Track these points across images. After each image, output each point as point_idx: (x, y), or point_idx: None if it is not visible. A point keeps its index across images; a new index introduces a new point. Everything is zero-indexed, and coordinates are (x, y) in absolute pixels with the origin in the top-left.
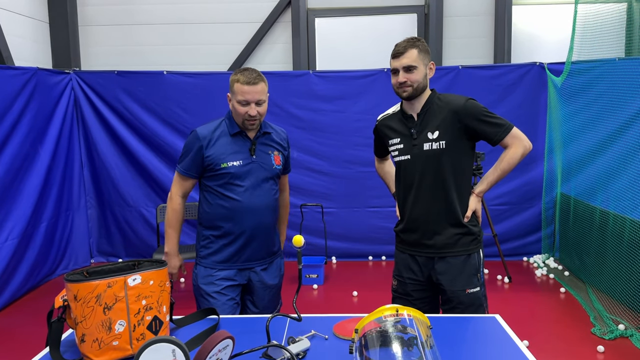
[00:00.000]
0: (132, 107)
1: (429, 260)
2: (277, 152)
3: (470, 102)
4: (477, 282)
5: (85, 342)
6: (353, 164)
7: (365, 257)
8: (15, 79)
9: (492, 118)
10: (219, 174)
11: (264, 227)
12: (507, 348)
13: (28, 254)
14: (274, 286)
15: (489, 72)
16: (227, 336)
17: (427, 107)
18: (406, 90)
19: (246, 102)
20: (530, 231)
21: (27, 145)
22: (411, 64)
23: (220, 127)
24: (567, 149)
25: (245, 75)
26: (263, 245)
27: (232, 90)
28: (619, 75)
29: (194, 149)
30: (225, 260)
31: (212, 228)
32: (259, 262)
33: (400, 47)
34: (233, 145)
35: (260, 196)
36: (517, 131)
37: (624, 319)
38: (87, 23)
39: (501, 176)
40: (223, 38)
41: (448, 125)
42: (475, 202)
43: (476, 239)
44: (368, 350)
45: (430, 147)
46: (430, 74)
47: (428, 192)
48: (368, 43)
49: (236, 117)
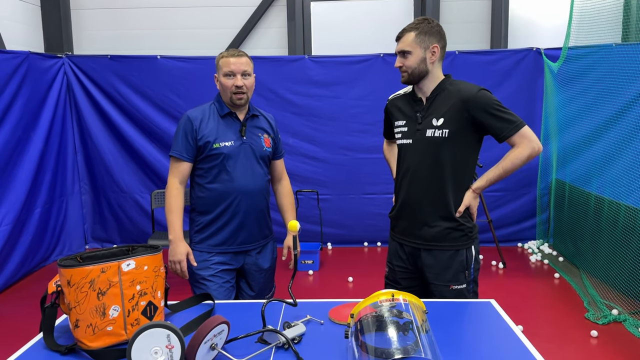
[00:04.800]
0: (126, 91)
1: (415, 250)
2: (267, 135)
3: (482, 93)
4: (463, 279)
5: (79, 328)
6: (349, 150)
7: (361, 244)
8: (7, 63)
9: (502, 113)
10: (212, 155)
11: (257, 209)
12: (502, 333)
13: (22, 240)
14: (268, 269)
15: (485, 57)
16: (222, 321)
17: (437, 92)
18: (403, 75)
19: (232, 73)
20: (525, 217)
21: (19, 130)
22: (404, 48)
23: (210, 109)
24: (562, 135)
25: (229, 50)
26: (257, 228)
27: (218, 67)
28: (616, 61)
29: (188, 130)
30: (220, 243)
31: (207, 212)
32: (254, 244)
33: (402, 30)
34: (224, 127)
35: (253, 178)
36: (527, 131)
37: (618, 304)
38: (79, 6)
39: (502, 175)
40: (217, 22)
41: (455, 113)
42: (470, 197)
43: (466, 235)
44: (364, 334)
45: (433, 134)
46: (432, 57)
47: (423, 180)
48: (364, 28)
49: (224, 93)
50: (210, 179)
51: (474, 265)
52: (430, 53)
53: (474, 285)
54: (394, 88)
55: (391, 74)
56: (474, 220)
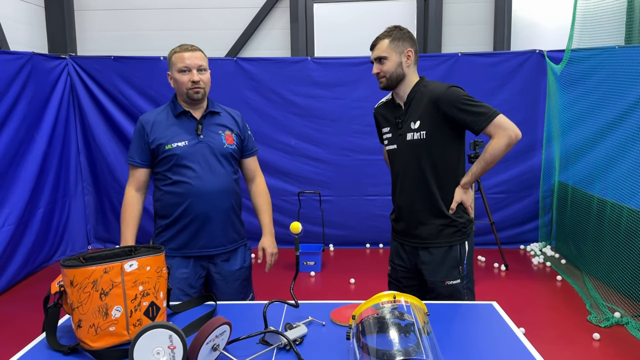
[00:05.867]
0: (129, 93)
1: (414, 249)
2: (230, 132)
3: (451, 90)
4: (457, 274)
5: (82, 328)
6: (351, 151)
7: (363, 245)
8: (11, 63)
9: (472, 106)
10: (165, 157)
11: (219, 211)
12: (504, 335)
13: (25, 240)
14: (237, 278)
15: (488, 59)
16: (224, 322)
17: (412, 95)
18: (381, 81)
19: (187, 69)
20: (527, 219)
21: (23, 131)
22: (381, 54)
23: (165, 111)
24: (565, 137)
25: (182, 46)
26: (220, 232)
27: (171, 64)
28: (619, 64)
29: (138, 135)
30: (180, 247)
31: (166, 216)
32: (218, 249)
33: (375, 39)
34: (178, 127)
35: (212, 178)
36: (501, 120)
37: (620, 307)
38: (83, 7)
39: (485, 168)
40: (220, 23)
41: (428, 114)
42: (460, 193)
43: (460, 230)
44: (365, 336)
45: (412, 138)
46: (407, 61)
47: (411, 183)
48: (367, 29)
49: (179, 90)
50: (166, 181)
51: (467, 260)
52: (406, 57)
53: (468, 282)
54: None
55: None
56: (470, 215)
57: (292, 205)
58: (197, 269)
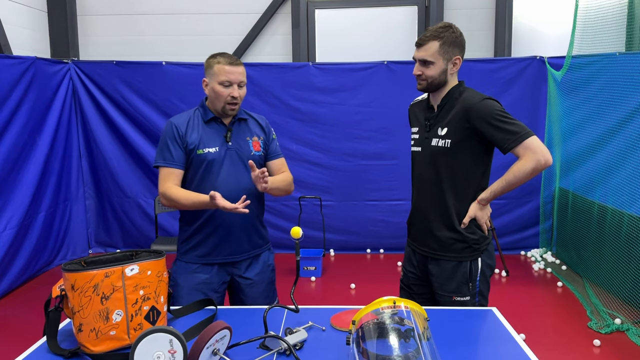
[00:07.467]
0: (131, 97)
1: (424, 258)
2: (257, 138)
3: (484, 102)
4: (467, 291)
5: (83, 332)
6: (352, 156)
7: (364, 250)
8: (13, 68)
9: (504, 123)
10: (197, 162)
11: (245, 218)
12: (504, 341)
13: (26, 244)
14: (261, 282)
15: (489, 65)
16: (225, 326)
17: (446, 100)
18: (420, 83)
19: (229, 83)
20: (528, 225)
21: (25, 135)
22: (427, 58)
23: (195, 115)
24: (566, 144)
25: (225, 57)
26: (245, 238)
27: (210, 73)
28: (619, 70)
29: (172, 137)
30: (206, 254)
31: (192, 221)
32: (242, 255)
33: (424, 36)
34: (208, 132)
35: (239, 185)
36: (533, 142)
37: (621, 314)
38: (85, 12)
39: (507, 188)
40: (222, 28)
41: (457, 123)
42: (475, 209)
43: (471, 247)
44: (365, 341)
45: (437, 144)
46: (453, 69)
47: (428, 189)
48: (368, 35)
49: (216, 101)
50: (193, 186)
51: (479, 277)
52: (452, 64)
53: (481, 299)
54: (397, 95)
55: (395, 81)
56: (484, 232)
57: (293, 210)
58: (221, 275)
